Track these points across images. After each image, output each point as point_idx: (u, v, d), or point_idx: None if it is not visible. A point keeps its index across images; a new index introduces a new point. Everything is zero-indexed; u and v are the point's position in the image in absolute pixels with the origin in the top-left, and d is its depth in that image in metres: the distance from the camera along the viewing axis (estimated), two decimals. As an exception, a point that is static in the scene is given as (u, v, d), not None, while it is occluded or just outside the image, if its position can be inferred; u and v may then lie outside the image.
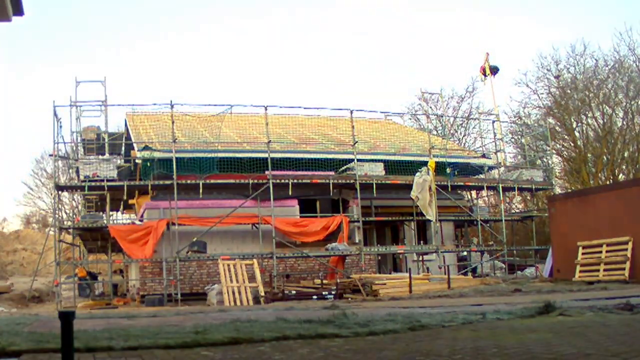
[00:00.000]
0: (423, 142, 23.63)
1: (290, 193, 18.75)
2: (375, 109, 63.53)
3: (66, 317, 3.52)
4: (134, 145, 19.68)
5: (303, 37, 75.13)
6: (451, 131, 35.53)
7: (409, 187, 19.74)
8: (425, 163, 20.20)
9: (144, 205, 20.24)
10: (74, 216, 21.80)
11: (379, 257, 21.75)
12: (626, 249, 14.65)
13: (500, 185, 21.74)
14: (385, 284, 15.61)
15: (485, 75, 29.20)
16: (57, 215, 18.56)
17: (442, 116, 32.59)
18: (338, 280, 16.29)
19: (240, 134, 22.22)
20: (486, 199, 25.11)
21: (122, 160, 20.55)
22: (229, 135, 21.47)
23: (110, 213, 22.59)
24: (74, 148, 20.72)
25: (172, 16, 73.88)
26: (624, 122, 30.56)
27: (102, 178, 17.44)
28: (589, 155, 30.90)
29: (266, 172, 18.45)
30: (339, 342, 5.25)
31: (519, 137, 31.78)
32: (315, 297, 15.36)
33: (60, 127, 19.06)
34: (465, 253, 22.85)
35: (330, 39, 73.03)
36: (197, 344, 5.17)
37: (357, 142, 19.84)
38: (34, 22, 65.15)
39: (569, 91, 31.42)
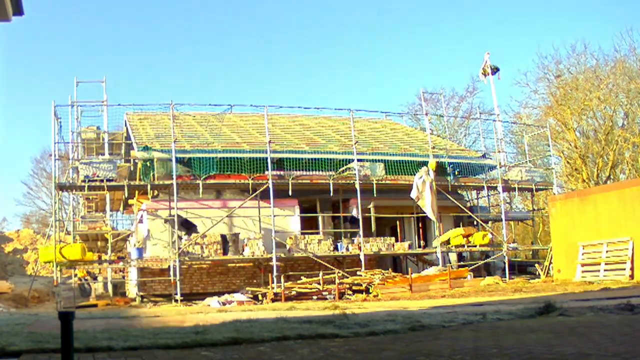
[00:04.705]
0: (423, 142, 23.61)
1: (290, 193, 18.73)
2: (375, 109, 63.66)
3: (66, 317, 3.52)
4: (134, 145, 19.66)
5: (303, 37, 75.16)
6: (451, 131, 35.51)
7: (409, 187, 19.71)
8: (425, 163, 20.18)
9: (143, 205, 20.19)
10: (74, 216, 21.77)
11: (379, 258, 21.67)
12: (626, 249, 14.66)
13: (500, 186, 21.72)
14: (384, 283, 15.60)
15: (485, 75, 29.21)
16: (57, 216, 18.52)
17: (442, 116, 32.56)
18: (338, 280, 16.27)
19: (240, 134, 22.20)
20: (486, 198, 25.02)
21: (122, 160, 20.51)
22: (229, 135, 21.45)
23: (110, 213, 22.57)
24: (74, 148, 20.68)
25: (171, 16, 73.90)
26: (624, 122, 30.58)
27: (102, 178, 17.41)
28: (589, 155, 30.90)
29: (266, 172, 18.43)
30: (339, 342, 5.24)
31: (519, 137, 31.76)
32: (315, 297, 15.35)
33: (60, 127, 19.04)
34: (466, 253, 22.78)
35: (330, 39, 73.05)
36: (197, 344, 5.16)
37: (357, 142, 19.82)
38: (34, 22, 65.07)
39: (569, 91, 31.42)
